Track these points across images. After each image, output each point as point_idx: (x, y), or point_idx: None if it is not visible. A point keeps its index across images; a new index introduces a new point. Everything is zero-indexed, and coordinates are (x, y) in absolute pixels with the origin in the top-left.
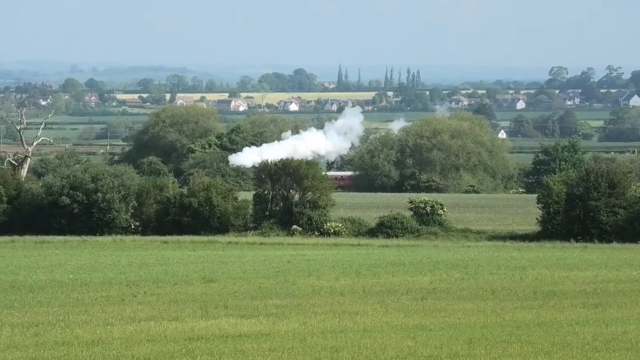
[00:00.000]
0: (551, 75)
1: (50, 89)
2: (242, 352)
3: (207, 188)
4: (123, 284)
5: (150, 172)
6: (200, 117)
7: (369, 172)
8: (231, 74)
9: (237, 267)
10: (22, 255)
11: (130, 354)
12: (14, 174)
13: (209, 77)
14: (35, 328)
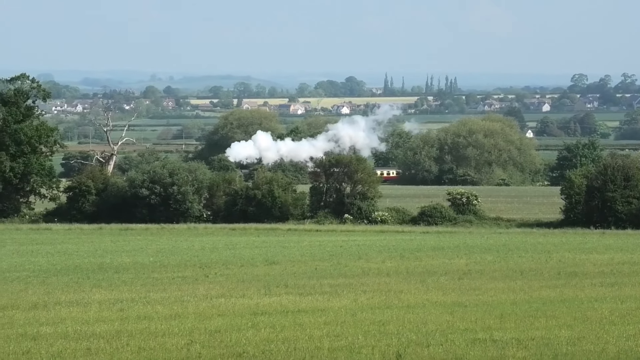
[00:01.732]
0: (573, 82)
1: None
2: (300, 325)
3: (269, 182)
4: (196, 265)
5: (220, 168)
6: (264, 120)
7: (411, 168)
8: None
9: (296, 251)
10: (109, 241)
11: (203, 327)
12: (101, 170)
13: (271, 85)
14: (120, 304)
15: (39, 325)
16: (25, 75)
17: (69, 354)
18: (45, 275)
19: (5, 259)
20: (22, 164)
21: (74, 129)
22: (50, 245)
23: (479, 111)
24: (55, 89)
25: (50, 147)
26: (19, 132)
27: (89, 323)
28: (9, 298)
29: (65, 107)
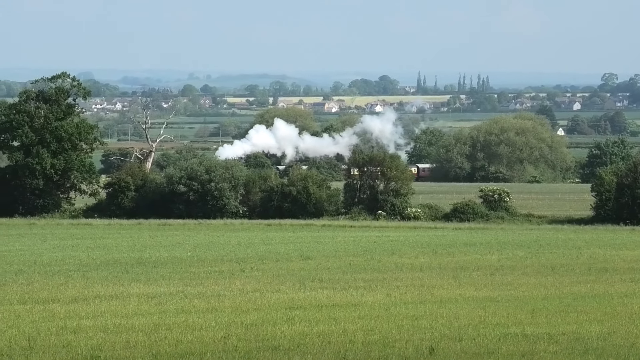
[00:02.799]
0: (603, 81)
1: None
2: (335, 320)
3: (304, 178)
4: (233, 260)
5: (256, 165)
6: (299, 117)
7: (444, 165)
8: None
9: (330, 247)
10: (147, 236)
11: (239, 320)
12: (140, 167)
13: (306, 83)
14: (158, 298)
15: (79, 318)
16: (66, 74)
17: (109, 347)
18: (85, 270)
19: (46, 253)
20: (62, 161)
21: (113, 127)
22: (90, 240)
23: (510, 109)
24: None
25: (91, 144)
26: (60, 129)
27: (128, 316)
28: (49, 292)
29: (105, 105)
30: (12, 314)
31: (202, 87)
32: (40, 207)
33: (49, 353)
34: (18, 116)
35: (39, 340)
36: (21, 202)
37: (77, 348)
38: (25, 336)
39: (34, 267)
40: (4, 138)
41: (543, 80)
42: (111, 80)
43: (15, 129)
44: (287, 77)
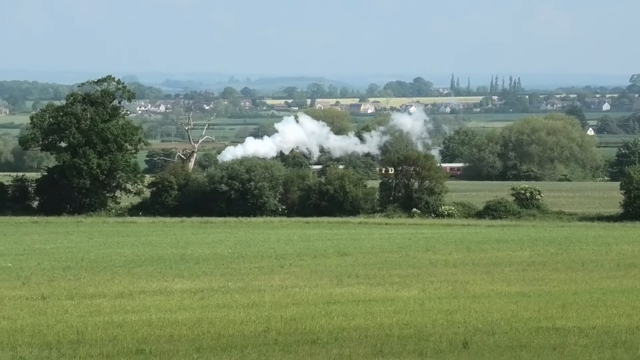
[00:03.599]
0: (632, 82)
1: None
2: (371, 314)
3: (341, 177)
4: (272, 257)
5: (294, 165)
6: (336, 118)
7: (476, 164)
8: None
9: (367, 244)
10: (190, 233)
11: (279, 315)
12: (183, 167)
13: (343, 85)
14: (201, 293)
15: (125, 313)
16: (111, 77)
17: (153, 341)
18: (131, 266)
19: (93, 250)
20: (108, 161)
21: (157, 128)
22: (135, 238)
23: (541, 110)
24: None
25: (135, 145)
26: (106, 130)
27: (172, 311)
28: (96, 287)
29: (148, 107)
30: (60, 308)
31: (242, 90)
32: (87, 206)
33: (96, 346)
34: (65, 118)
35: (86, 334)
36: (69, 201)
37: (123, 341)
38: (74, 330)
39: (81, 263)
40: (52, 139)
41: (573, 82)
42: (155, 83)
43: (63, 131)
44: (325, 80)
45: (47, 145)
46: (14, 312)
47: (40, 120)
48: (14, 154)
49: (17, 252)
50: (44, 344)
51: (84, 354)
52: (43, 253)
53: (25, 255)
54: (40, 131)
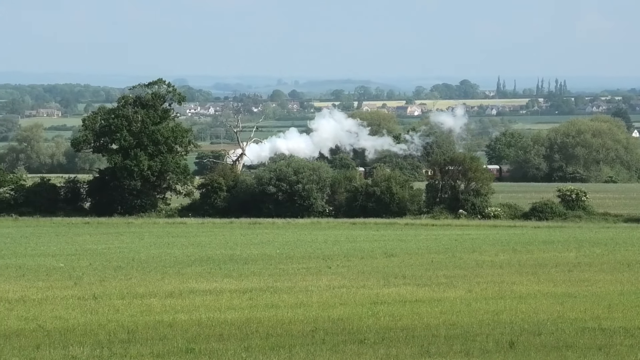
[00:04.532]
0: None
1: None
2: (418, 314)
3: (388, 179)
4: (320, 257)
5: (341, 166)
6: (382, 121)
7: (522, 166)
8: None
9: (413, 245)
10: (239, 234)
11: (326, 315)
12: (232, 168)
13: (389, 88)
14: (249, 293)
15: (175, 312)
16: (162, 80)
17: (203, 340)
18: (181, 266)
19: (143, 250)
20: (159, 163)
21: (206, 130)
22: (184, 238)
23: (587, 112)
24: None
25: (185, 147)
26: (156, 133)
27: (221, 311)
28: (147, 287)
29: (198, 110)
30: (111, 308)
31: (290, 92)
32: (137, 207)
33: (146, 345)
34: (117, 120)
35: (137, 333)
36: (120, 202)
37: (173, 340)
38: (125, 329)
39: (132, 263)
40: (104, 141)
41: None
42: (204, 86)
43: (114, 133)
44: (371, 82)
45: (99, 147)
46: (65, 312)
47: (92, 122)
48: (66, 155)
49: (69, 253)
50: (95, 343)
51: (134, 353)
52: (95, 253)
53: (77, 256)
54: (92, 133)
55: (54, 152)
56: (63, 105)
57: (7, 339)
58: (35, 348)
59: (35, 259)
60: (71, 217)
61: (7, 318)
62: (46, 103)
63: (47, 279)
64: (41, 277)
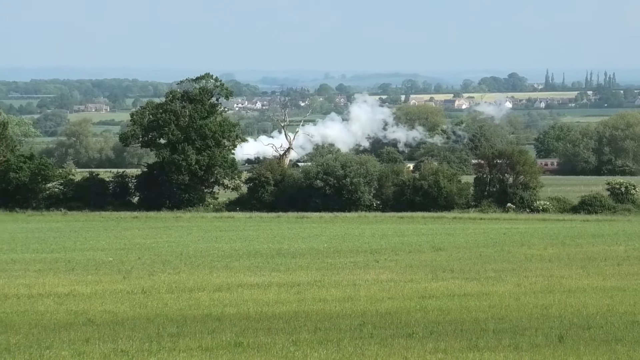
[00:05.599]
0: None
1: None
2: (466, 308)
3: (435, 172)
4: (367, 251)
5: (389, 160)
6: (430, 114)
7: (571, 159)
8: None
9: (461, 238)
10: (286, 228)
11: (374, 309)
12: (279, 162)
13: (437, 81)
14: (297, 287)
15: (223, 306)
16: (210, 75)
17: (251, 334)
18: (229, 260)
19: (192, 244)
20: (207, 157)
21: (253, 125)
22: (232, 232)
23: (636, 105)
24: (237, 88)
25: (233, 141)
26: (204, 127)
27: (269, 304)
28: (195, 281)
29: (245, 105)
30: (160, 302)
31: (337, 86)
32: (185, 201)
33: (195, 339)
34: (165, 115)
35: (185, 327)
36: (168, 197)
37: (221, 334)
38: (173, 323)
39: (180, 257)
40: (152, 136)
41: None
42: (251, 81)
43: (162, 128)
44: (419, 76)
45: (147, 142)
46: (115, 306)
47: (140, 117)
48: (114, 150)
49: (118, 247)
50: (144, 337)
51: (183, 347)
52: (143, 247)
53: (125, 250)
54: (140, 128)
55: (102, 147)
56: (111, 100)
57: (57, 333)
58: (84, 342)
59: (84, 253)
60: (120, 211)
61: (56, 312)
62: (94, 98)
63: (96, 273)
64: (90, 271)
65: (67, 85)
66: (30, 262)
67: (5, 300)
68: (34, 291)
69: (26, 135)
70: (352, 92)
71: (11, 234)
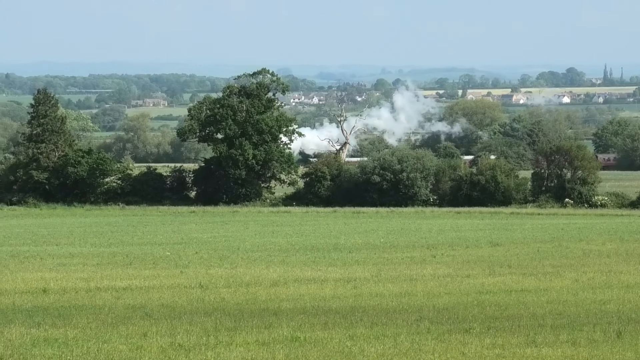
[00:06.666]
0: None
1: (364, 87)
2: (524, 304)
3: (492, 168)
4: (424, 247)
5: (446, 155)
6: (487, 109)
7: (629, 154)
8: (513, 73)
9: (518, 234)
10: (342, 223)
11: (431, 304)
12: (336, 157)
13: (494, 76)
14: (353, 282)
15: (280, 301)
16: (266, 70)
17: (308, 328)
18: (285, 255)
19: (248, 239)
20: (263, 152)
21: (310, 119)
22: (289, 227)
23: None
24: (294, 83)
25: (289, 136)
26: (261, 122)
27: (325, 299)
28: (252, 276)
29: (302, 99)
30: (217, 296)
31: (394, 81)
32: (242, 196)
33: (252, 333)
34: (222, 110)
35: (242, 321)
36: (225, 191)
37: (279, 329)
38: (231, 317)
39: (237, 252)
40: (209, 131)
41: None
42: (308, 76)
43: (220, 122)
44: (476, 70)
45: (204, 137)
46: (172, 300)
47: (197, 112)
48: (172, 145)
49: (175, 241)
50: (201, 331)
51: (240, 341)
52: (200, 242)
53: (183, 244)
54: (198, 123)
55: (160, 142)
56: (169, 95)
57: (115, 327)
58: (142, 336)
59: (142, 247)
60: (177, 206)
61: (114, 306)
62: (152, 93)
63: (154, 268)
64: (148, 265)
65: (125, 80)
66: (89, 256)
67: (63, 294)
68: (92, 285)
69: (84, 130)
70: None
71: (69, 228)
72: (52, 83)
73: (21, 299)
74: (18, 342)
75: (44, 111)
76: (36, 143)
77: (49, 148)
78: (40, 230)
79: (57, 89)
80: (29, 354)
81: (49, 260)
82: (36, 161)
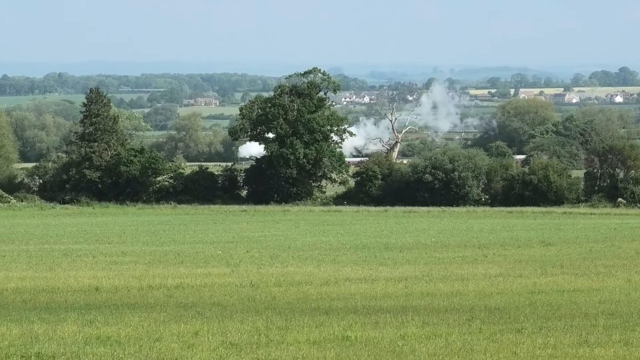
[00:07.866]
0: None
1: (416, 87)
2: (576, 304)
3: (545, 167)
4: (475, 246)
5: (497, 154)
6: (539, 108)
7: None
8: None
9: (571, 234)
10: (394, 222)
11: (482, 304)
12: (387, 156)
13: (547, 75)
14: (404, 282)
15: (331, 300)
16: (317, 69)
17: (359, 327)
18: (336, 254)
19: (299, 238)
20: (314, 151)
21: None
22: (339, 226)
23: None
24: (345, 82)
25: (340, 135)
26: (312, 121)
27: (376, 298)
28: (302, 274)
29: (353, 99)
30: (268, 295)
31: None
32: (293, 195)
33: (302, 332)
34: (273, 109)
35: (293, 320)
36: (276, 190)
37: (329, 327)
38: (282, 316)
39: (288, 251)
40: (260, 130)
41: None
42: (359, 75)
43: (271, 121)
44: (528, 70)
45: (256, 136)
46: (223, 299)
47: (249, 111)
48: (223, 144)
49: (226, 240)
50: (253, 330)
51: (291, 340)
52: (251, 241)
53: (234, 243)
54: (249, 122)
55: (211, 141)
56: (220, 94)
57: (167, 325)
58: (194, 334)
59: (193, 246)
60: (228, 204)
61: (166, 304)
62: (204, 92)
63: (205, 266)
64: (199, 264)
65: (177, 80)
66: (141, 254)
67: (115, 292)
68: (144, 283)
69: (136, 129)
70: (461, 86)
71: (122, 226)
72: (105, 82)
73: (74, 297)
74: (70, 340)
75: (96, 110)
76: (89, 142)
77: (102, 147)
78: (93, 229)
79: (109, 88)
80: (82, 352)
81: (101, 258)
82: (89, 160)
